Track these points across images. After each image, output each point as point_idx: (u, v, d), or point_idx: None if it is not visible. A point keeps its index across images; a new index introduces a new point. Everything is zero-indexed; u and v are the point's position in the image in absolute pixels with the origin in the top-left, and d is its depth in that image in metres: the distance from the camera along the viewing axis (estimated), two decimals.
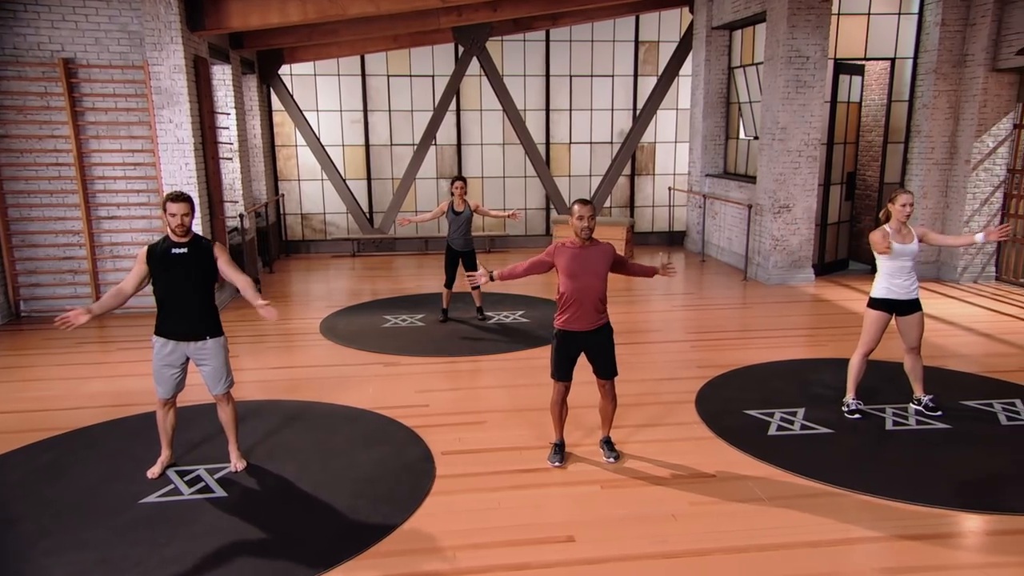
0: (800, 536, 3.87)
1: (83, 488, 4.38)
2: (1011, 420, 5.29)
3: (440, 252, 12.88)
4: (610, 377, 4.63)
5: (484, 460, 4.79)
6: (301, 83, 12.99)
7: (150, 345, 7.28)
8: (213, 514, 4.09)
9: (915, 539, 3.85)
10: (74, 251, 8.50)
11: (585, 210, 4.39)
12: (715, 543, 3.81)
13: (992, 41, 9.40)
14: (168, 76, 8.08)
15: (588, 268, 4.42)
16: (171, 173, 8.30)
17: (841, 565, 3.65)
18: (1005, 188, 9.86)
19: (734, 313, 8.76)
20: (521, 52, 13.31)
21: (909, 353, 5.37)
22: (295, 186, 13.35)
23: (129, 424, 5.40)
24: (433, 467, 4.66)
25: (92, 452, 4.90)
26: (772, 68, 9.88)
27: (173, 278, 4.32)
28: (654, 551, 3.74)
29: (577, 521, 4.05)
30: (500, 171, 13.65)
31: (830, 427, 5.19)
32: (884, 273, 5.20)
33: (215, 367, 4.47)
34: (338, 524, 4.00)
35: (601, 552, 3.74)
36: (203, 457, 4.79)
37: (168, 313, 4.38)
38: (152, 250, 4.32)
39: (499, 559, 3.69)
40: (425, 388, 6.17)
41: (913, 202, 5.12)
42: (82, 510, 4.12)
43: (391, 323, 8.16)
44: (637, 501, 4.26)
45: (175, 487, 4.40)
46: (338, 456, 4.80)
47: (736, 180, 11.57)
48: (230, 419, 4.64)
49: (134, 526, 3.96)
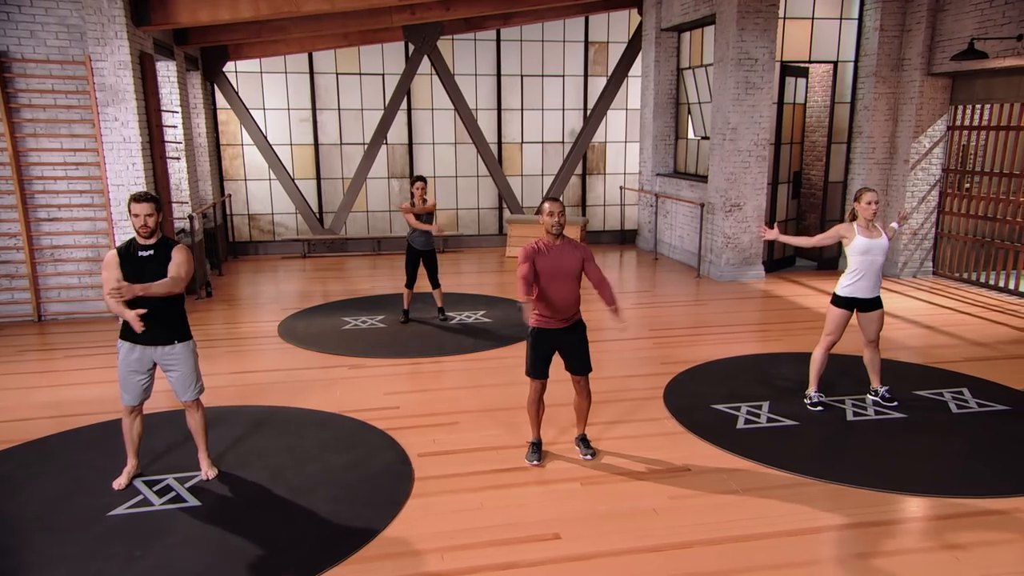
0: (778, 526, 3.99)
1: (45, 502, 4.20)
2: (961, 408, 5.56)
3: (392, 252, 12.87)
4: (584, 373, 4.67)
5: (461, 461, 4.78)
6: (247, 81, 12.70)
7: (96, 352, 7.12)
8: (188, 524, 3.98)
9: (887, 524, 4.01)
10: (11, 255, 8.12)
11: (555, 206, 4.44)
12: (696, 535, 3.90)
13: (927, 46, 9.85)
14: (113, 72, 7.80)
15: (561, 267, 4.45)
16: (117, 173, 8.01)
17: (820, 553, 3.78)
18: (940, 187, 10.33)
19: (690, 310, 8.95)
20: (472, 51, 13.30)
21: (868, 346, 5.58)
22: (242, 186, 13.04)
23: (84, 434, 5.20)
24: (411, 469, 4.63)
25: (48, 464, 4.70)
26: (722, 70, 10.12)
27: (139, 281, 4.17)
28: (639, 546, 3.80)
29: (561, 519, 4.08)
30: (452, 170, 13.62)
31: (795, 419, 5.36)
32: (853, 270, 5.36)
33: (184, 373, 4.35)
34: (320, 530, 3.93)
35: (587, 548, 3.79)
36: (171, 466, 4.65)
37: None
38: (120, 252, 4.18)
39: (487, 559, 3.69)
40: (393, 390, 6.12)
41: (878, 199, 5.32)
42: (47, 525, 3.95)
43: (351, 325, 8.06)
44: (617, 497, 4.32)
45: (144, 498, 4.25)
46: (312, 461, 4.72)
47: (687, 179, 11.81)
48: (200, 426, 4.51)
49: (105, 540, 3.82)
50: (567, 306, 4.51)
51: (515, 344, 7.34)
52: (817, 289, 9.85)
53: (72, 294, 8.34)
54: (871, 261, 5.32)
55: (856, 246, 5.31)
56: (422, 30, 12.19)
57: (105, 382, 6.35)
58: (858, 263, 5.34)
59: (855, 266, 5.36)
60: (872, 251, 5.30)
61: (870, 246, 5.29)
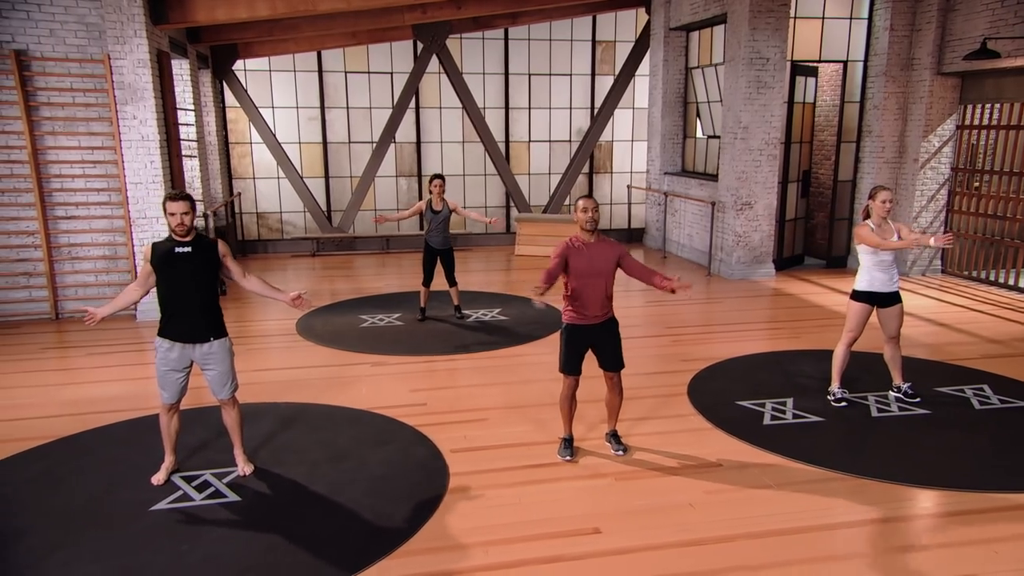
0: (815, 520, 4.04)
1: (87, 497, 4.23)
2: (983, 404, 5.63)
3: (400, 251, 12.90)
4: (617, 369, 4.72)
5: (494, 457, 4.82)
6: (255, 79, 12.70)
7: (116, 350, 7.14)
8: (230, 519, 4.01)
9: (922, 519, 4.07)
10: (29, 252, 8.13)
11: (589, 203, 4.48)
12: (736, 529, 3.95)
13: (937, 46, 9.92)
14: (132, 71, 7.81)
15: (596, 265, 4.50)
16: (135, 171, 8.02)
17: (859, 546, 3.84)
18: (950, 186, 10.41)
19: (705, 307, 9.00)
20: (480, 50, 13.34)
21: (889, 342, 5.64)
22: (250, 184, 13.05)
23: (117, 431, 5.22)
24: (445, 465, 4.67)
25: (86, 461, 4.72)
26: (734, 69, 10.18)
27: (177, 278, 4.21)
28: (680, 539, 3.85)
29: (599, 513, 4.13)
30: (460, 169, 13.65)
31: (820, 415, 5.42)
32: (866, 267, 5.44)
33: (221, 371, 4.38)
34: (361, 524, 3.97)
35: (629, 542, 3.83)
36: (207, 462, 4.68)
37: (172, 314, 4.26)
38: (156, 248, 4.21)
39: (531, 553, 3.73)
40: (418, 387, 6.16)
41: (893, 198, 5.38)
42: (92, 519, 3.98)
43: (369, 323, 8.09)
44: (653, 492, 4.37)
45: (184, 493, 4.28)
46: (347, 457, 4.76)
47: (696, 178, 11.87)
48: (235, 423, 4.55)
49: (151, 534, 3.85)
50: (599, 303, 4.55)
51: (533, 342, 7.38)
52: (827, 287, 9.92)
53: (89, 292, 8.34)
54: (881, 259, 5.39)
55: (870, 247, 5.37)
56: (431, 29, 12.21)
57: (126, 380, 6.40)
58: (870, 260, 5.41)
59: (868, 263, 5.44)
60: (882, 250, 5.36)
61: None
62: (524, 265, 11.78)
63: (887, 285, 5.44)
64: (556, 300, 4.80)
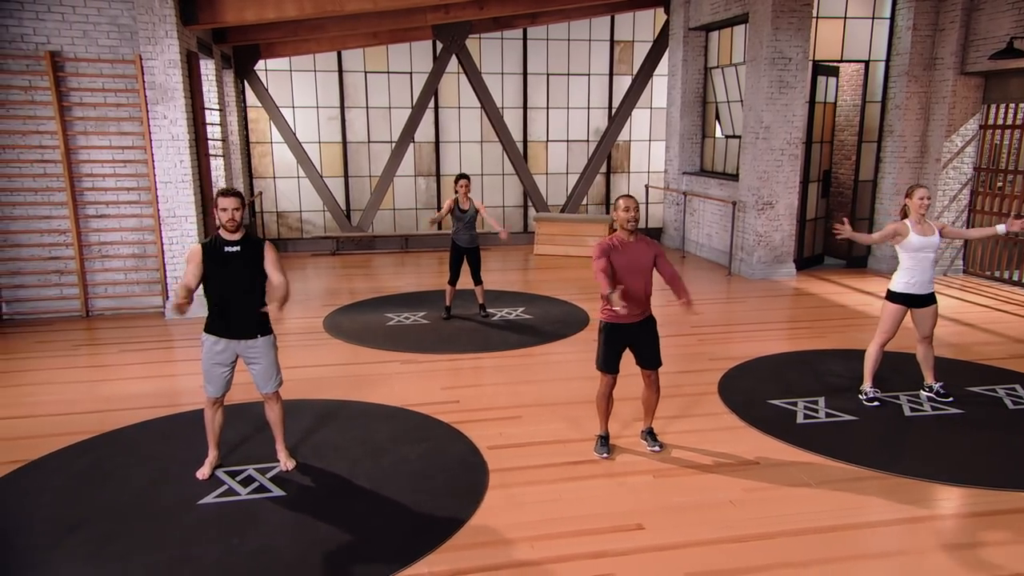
0: (854, 518, 4.07)
1: (135, 491, 4.29)
2: (1016, 404, 5.63)
3: (419, 250, 12.95)
4: (655, 368, 4.75)
5: (531, 454, 4.86)
6: (276, 79, 12.79)
7: (147, 347, 7.22)
8: (277, 513, 4.06)
9: (963, 517, 4.09)
10: (60, 251, 8.21)
11: (631, 202, 4.50)
12: (777, 527, 3.97)
13: (960, 46, 9.90)
14: (163, 71, 7.88)
15: (636, 263, 4.53)
16: (165, 171, 8.10)
17: (906, 544, 3.86)
18: (972, 186, 10.39)
19: (727, 307, 9.02)
20: (499, 50, 13.39)
21: (922, 342, 5.65)
22: (270, 183, 13.13)
23: (157, 427, 5.29)
24: (483, 461, 4.71)
25: (129, 455, 4.79)
26: (755, 69, 10.18)
27: (226, 276, 4.27)
28: (723, 536, 3.88)
29: (640, 510, 4.16)
30: (478, 168, 13.70)
31: (853, 415, 5.43)
32: (906, 268, 5.42)
33: (265, 366, 4.43)
34: (406, 519, 4.02)
35: (672, 539, 3.86)
36: (248, 457, 4.74)
37: (219, 311, 4.32)
38: (205, 248, 4.26)
39: (576, 548, 3.77)
40: (449, 384, 6.21)
41: (930, 196, 5.37)
42: (142, 512, 4.05)
43: (395, 321, 8.14)
44: (692, 489, 4.40)
45: (229, 487, 4.34)
46: (386, 453, 4.81)
47: (715, 178, 11.88)
48: (278, 418, 4.60)
49: (202, 526, 3.91)
50: (640, 301, 4.58)
51: (560, 340, 7.42)
52: (849, 287, 9.92)
53: (118, 290, 8.43)
54: (923, 258, 5.38)
55: (910, 243, 5.36)
56: (451, 29, 12.26)
57: (158, 376, 6.51)
58: (911, 260, 5.40)
59: (908, 263, 5.42)
60: (925, 248, 5.36)
61: (924, 243, 5.35)
62: (543, 264, 11.81)
63: (925, 287, 5.44)
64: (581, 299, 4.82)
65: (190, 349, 7.35)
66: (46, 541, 3.78)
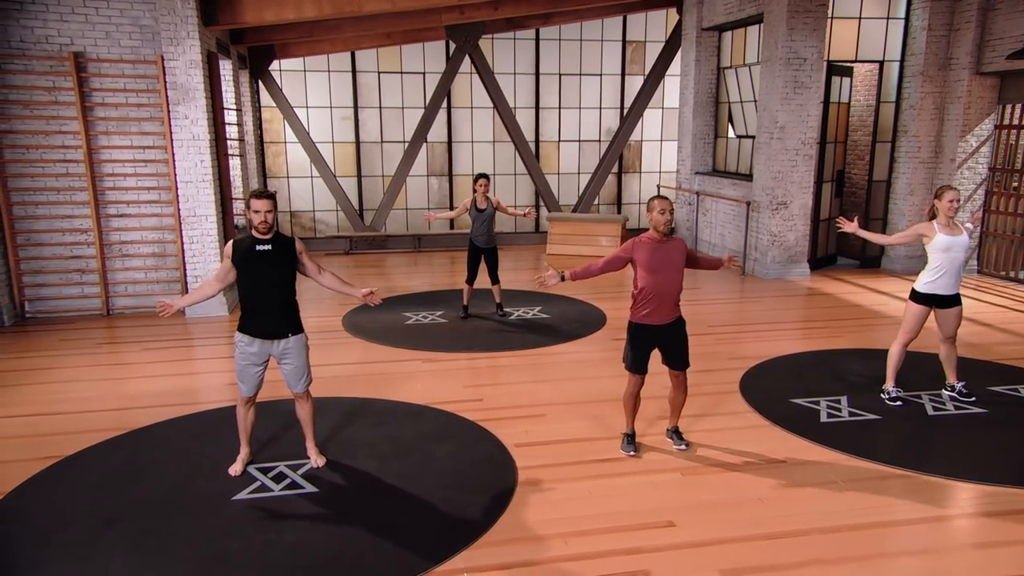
0: (887, 516, 4.09)
1: (169, 487, 4.34)
2: None
3: (432, 250, 12.99)
4: (683, 368, 4.77)
5: (558, 452, 4.89)
6: (290, 79, 12.85)
7: (169, 345, 7.28)
8: (312, 509, 4.11)
9: (995, 516, 4.10)
10: (82, 250, 8.27)
11: (666, 204, 4.50)
12: (808, 524, 4.00)
13: (976, 46, 9.90)
14: (184, 71, 7.93)
15: (668, 263, 4.54)
16: (185, 170, 8.15)
17: (935, 542, 3.88)
18: (987, 186, 10.39)
19: (743, 307, 9.04)
20: (511, 50, 13.43)
21: (945, 342, 5.65)
22: (284, 183, 13.19)
23: (185, 424, 5.34)
24: (511, 459, 4.74)
25: (160, 452, 4.84)
26: (770, 69, 10.19)
27: (258, 276, 4.31)
28: (755, 533, 3.91)
29: (670, 507, 4.19)
30: (490, 168, 13.73)
31: (876, 414, 5.45)
32: (934, 268, 5.42)
33: (297, 365, 4.47)
34: (439, 516, 4.05)
35: (704, 536, 3.89)
36: (279, 454, 4.78)
37: (252, 311, 4.36)
38: (237, 246, 4.30)
39: (609, 545, 3.80)
40: (472, 383, 6.25)
41: (959, 199, 5.38)
42: (178, 508, 4.09)
43: (413, 320, 8.18)
44: (720, 487, 4.43)
45: (262, 484, 4.38)
46: (414, 451, 4.85)
47: (728, 178, 11.89)
48: (309, 416, 4.64)
49: (238, 521, 3.95)
50: (671, 303, 4.58)
51: (578, 340, 7.46)
52: (864, 287, 9.93)
53: (138, 289, 8.49)
54: (952, 258, 5.39)
55: (938, 243, 5.37)
56: (464, 29, 12.29)
57: (181, 374, 6.61)
58: (940, 260, 5.40)
59: (937, 263, 5.42)
60: (953, 248, 5.37)
61: (951, 243, 5.36)
62: (557, 264, 11.81)
63: (950, 288, 5.45)
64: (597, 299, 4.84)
65: (210, 347, 7.42)
66: (88, 535, 3.83)
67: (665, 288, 4.53)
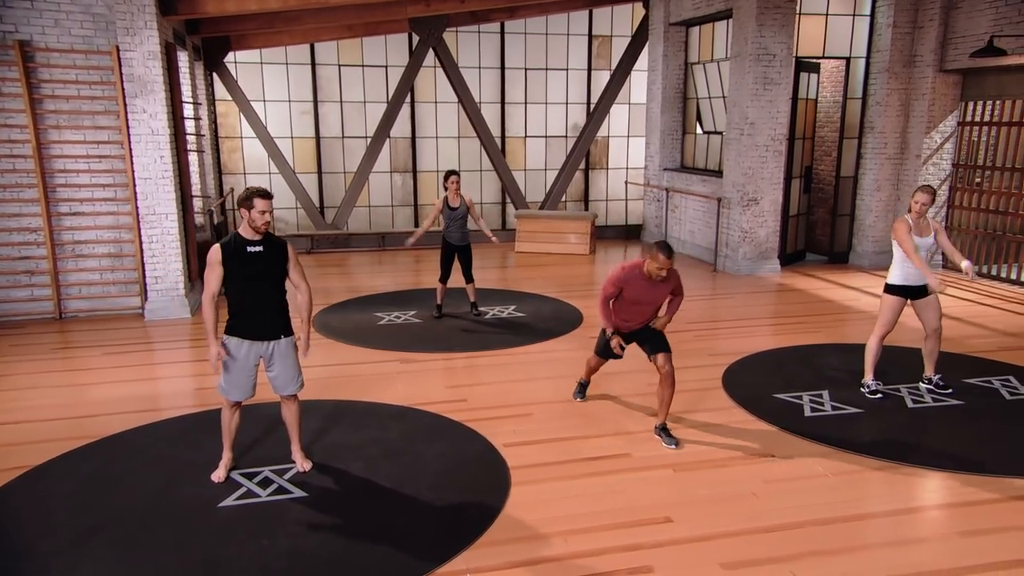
0: (878, 506, 4.28)
1: (150, 495, 4.28)
2: (1013, 395, 5.93)
3: (396, 248, 12.94)
4: (664, 350, 4.94)
5: (548, 450, 4.97)
6: (246, 71, 12.66)
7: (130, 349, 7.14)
8: (304, 513, 4.10)
9: (979, 504, 4.31)
10: (31, 250, 8.05)
11: (667, 263, 4.67)
12: (803, 517, 4.15)
13: (939, 43, 10.30)
14: (142, 63, 7.78)
15: (652, 297, 4.95)
16: (144, 166, 8.00)
17: (926, 531, 4.07)
18: (951, 182, 10.81)
19: (717, 303, 9.25)
20: (476, 44, 13.45)
21: (931, 336, 5.85)
22: (240, 180, 12.99)
23: (158, 430, 5.27)
24: (502, 459, 4.80)
25: (136, 459, 4.77)
26: (740, 65, 10.44)
27: (250, 277, 4.29)
28: (752, 527, 4.04)
29: (665, 503, 4.30)
30: (455, 164, 13.72)
31: (858, 407, 5.67)
32: (899, 261, 5.68)
33: (288, 367, 4.46)
34: (435, 517, 4.09)
35: (703, 531, 4.01)
36: (262, 459, 4.75)
37: (244, 313, 4.34)
38: (225, 249, 4.26)
39: (610, 542, 3.89)
40: (454, 383, 6.29)
41: (927, 201, 5.56)
42: (163, 516, 4.05)
43: (386, 320, 8.17)
44: (713, 482, 4.55)
45: (248, 490, 4.36)
46: (402, 452, 4.87)
47: (697, 174, 12.13)
48: (295, 418, 4.63)
49: (227, 528, 3.93)
50: (646, 318, 5.04)
51: (557, 338, 7.55)
52: (834, 282, 10.24)
53: (93, 291, 8.30)
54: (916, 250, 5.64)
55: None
56: (428, 22, 12.29)
57: (145, 379, 6.53)
58: (902, 254, 5.65)
59: (900, 257, 5.67)
60: (919, 248, 5.61)
61: (918, 243, 5.61)
62: (526, 262, 11.93)
63: (919, 278, 5.69)
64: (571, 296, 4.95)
65: (174, 351, 7.30)
66: (70, 545, 3.77)
67: (640, 316, 4.97)
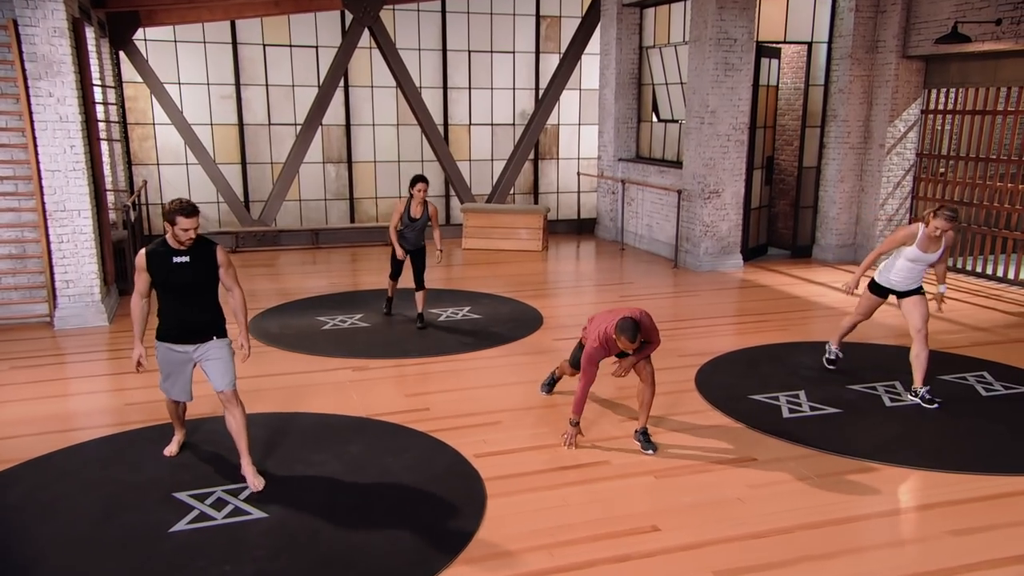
0: (868, 508, 4.52)
1: (90, 522, 4.20)
2: (989, 391, 6.32)
3: (332, 245, 12.85)
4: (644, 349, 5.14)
5: (521, 460, 5.07)
6: (158, 50, 12.36)
7: (43, 363, 6.94)
8: (266, 536, 4.09)
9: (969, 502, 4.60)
10: None
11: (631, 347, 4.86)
12: (792, 521, 4.35)
13: (902, 28, 10.81)
14: (46, 40, 7.55)
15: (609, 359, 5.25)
16: (52, 157, 7.76)
17: (917, 532, 4.33)
18: (915, 172, 11.36)
19: (680, 301, 9.52)
20: (415, 24, 13.45)
21: (916, 338, 6.05)
22: (153, 171, 12.69)
23: (87, 450, 5.16)
24: (474, 470, 4.88)
25: (67, 484, 4.66)
26: (700, 50, 10.74)
27: (176, 286, 4.40)
28: (740, 533, 4.22)
29: (650, 511, 4.45)
30: (394, 155, 13.73)
31: (836, 407, 5.95)
32: (896, 267, 6.07)
33: (223, 359, 4.57)
34: (410, 535, 4.14)
35: (691, 539, 4.17)
36: (211, 478, 4.71)
37: (172, 319, 4.48)
38: (150, 257, 4.34)
39: (597, 553, 4.01)
40: (413, 391, 6.34)
41: (945, 228, 5.79)
42: (108, 545, 3.98)
43: (331, 324, 8.14)
44: (696, 488, 4.73)
45: (201, 512, 4.32)
46: (366, 467, 4.90)
47: (655, 164, 12.43)
48: (241, 426, 4.62)
49: (185, 555, 3.90)
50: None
51: (517, 342, 7.66)
52: (799, 278, 10.65)
53: None
54: (913, 268, 6.01)
55: (908, 252, 5.98)
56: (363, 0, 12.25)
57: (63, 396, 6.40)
58: (902, 265, 6.03)
59: (899, 265, 6.03)
60: (919, 261, 5.99)
61: (919, 257, 5.97)
62: (475, 260, 12.00)
63: (904, 286, 6.06)
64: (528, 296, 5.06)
65: (91, 363, 7.14)
66: None
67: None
